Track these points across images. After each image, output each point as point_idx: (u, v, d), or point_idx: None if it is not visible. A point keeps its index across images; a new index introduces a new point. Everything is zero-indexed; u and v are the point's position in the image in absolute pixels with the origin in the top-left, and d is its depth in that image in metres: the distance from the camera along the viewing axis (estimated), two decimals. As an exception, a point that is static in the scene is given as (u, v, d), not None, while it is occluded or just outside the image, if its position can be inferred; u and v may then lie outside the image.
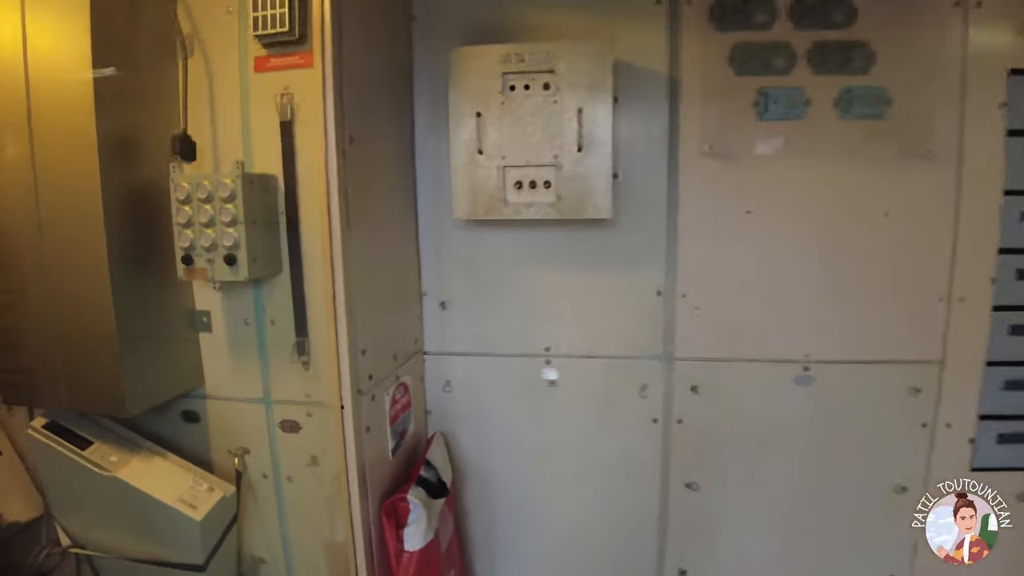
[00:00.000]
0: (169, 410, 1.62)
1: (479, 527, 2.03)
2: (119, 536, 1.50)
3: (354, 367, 1.47)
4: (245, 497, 1.62)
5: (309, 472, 1.57)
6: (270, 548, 1.66)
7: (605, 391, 1.86)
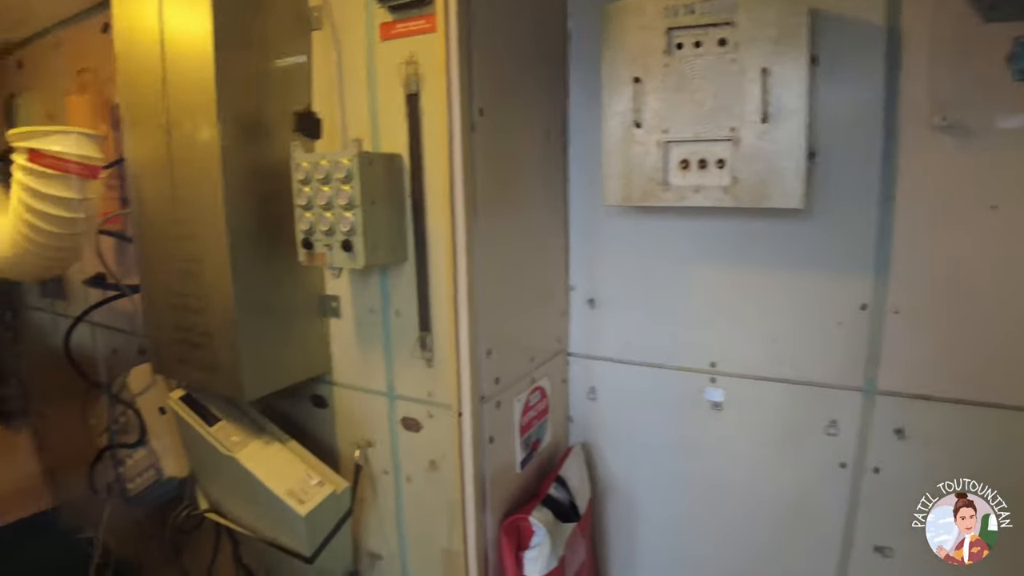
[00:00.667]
0: (300, 392, 1.60)
1: (618, 555, 1.81)
2: (244, 511, 1.51)
3: (476, 371, 1.32)
4: (365, 491, 1.55)
5: (428, 475, 1.46)
6: (387, 546, 1.58)
7: (781, 422, 1.52)
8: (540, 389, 1.63)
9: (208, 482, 1.60)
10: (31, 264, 1.74)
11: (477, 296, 1.31)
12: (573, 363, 1.76)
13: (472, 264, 1.29)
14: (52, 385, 2.83)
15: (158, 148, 1.36)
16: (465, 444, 1.33)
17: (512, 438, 1.50)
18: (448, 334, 1.31)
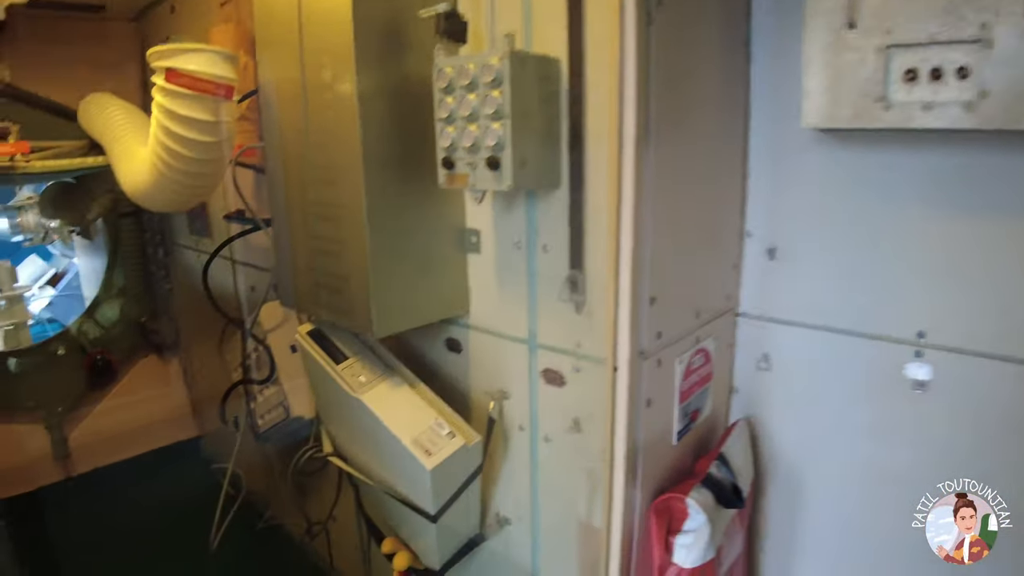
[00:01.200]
0: (435, 334, 1.46)
1: (775, 551, 1.54)
2: (367, 458, 1.40)
3: (637, 319, 1.10)
4: (497, 447, 1.39)
5: (570, 438, 1.27)
6: (518, 510, 1.42)
7: (1008, 414, 1.17)
8: (704, 351, 1.38)
9: (333, 424, 1.50)
10: (170, 192, 1.72)
11: (643, 230, 1.09)
12: (743, 325, 1.49)
13: (640, 191, 1.06)
14: (197, 321, 2.95)
15: (291, 70, 1.25)
16: (619, 405, 1.12)
17: (671, 404, 1.27)
18: (605, 273, 1.09)
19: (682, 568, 1.27)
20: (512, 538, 1.46)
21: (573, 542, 1.36)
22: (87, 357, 3.12)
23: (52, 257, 5.45)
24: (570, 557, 1.37)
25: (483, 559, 1.55)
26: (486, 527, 1.46)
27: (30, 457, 2.97)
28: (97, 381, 3.17)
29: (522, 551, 1.45)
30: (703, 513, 1.24)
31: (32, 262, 5.50)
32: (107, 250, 3.14)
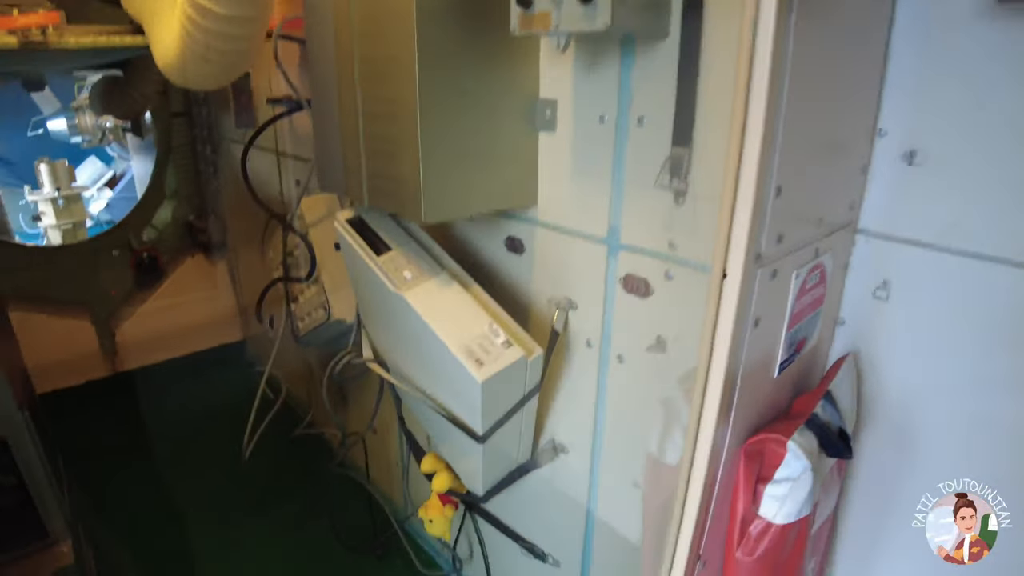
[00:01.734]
0: (494, 231, 1.24)
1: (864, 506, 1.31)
2: (410, 366, 1.22)
3: (759, 213, 0.85)
4: (558, 365, 1.19)
5: (650, 359, 1.05)
6: (576, 438, 1.23)
7: None
8: (821, 268, 1.12)
9: (374, 327, 1.32)
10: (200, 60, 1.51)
11: (778, 97, 0.82)
12: (862, 244, 1.22)
13: (778, 50, 0.79)
14: (244, 221, 2.82)
15: None
16: (723, 321, 0.89)
17: (779, 327, 1.03)
18: (725, 152, 0.84)
19: (771, 523, 1.06)
20: (567, 469, 1.27)
21: (638, 480, 1.17)
22: (133, 255, 3.06)
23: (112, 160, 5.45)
24: (633, 497, 1.18)
25: (532, 489, 1.37)
26: (538, 454, 1.28)
27: (77, 352, 2.96)
28: (143, 279, 3.12)
29: (577, 485, 1.27)
30: (806, 459, 1.02)
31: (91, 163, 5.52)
32: (158, 149, 3.04)
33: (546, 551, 1.43)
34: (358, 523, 2.07)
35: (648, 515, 1.22)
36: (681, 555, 1.07)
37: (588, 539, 1.30)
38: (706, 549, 1.09)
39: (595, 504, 1.26)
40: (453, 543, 1.71)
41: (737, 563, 1.10)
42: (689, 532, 1.05)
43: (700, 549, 1.08)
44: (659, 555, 1.26)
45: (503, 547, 1.57)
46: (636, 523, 1.21)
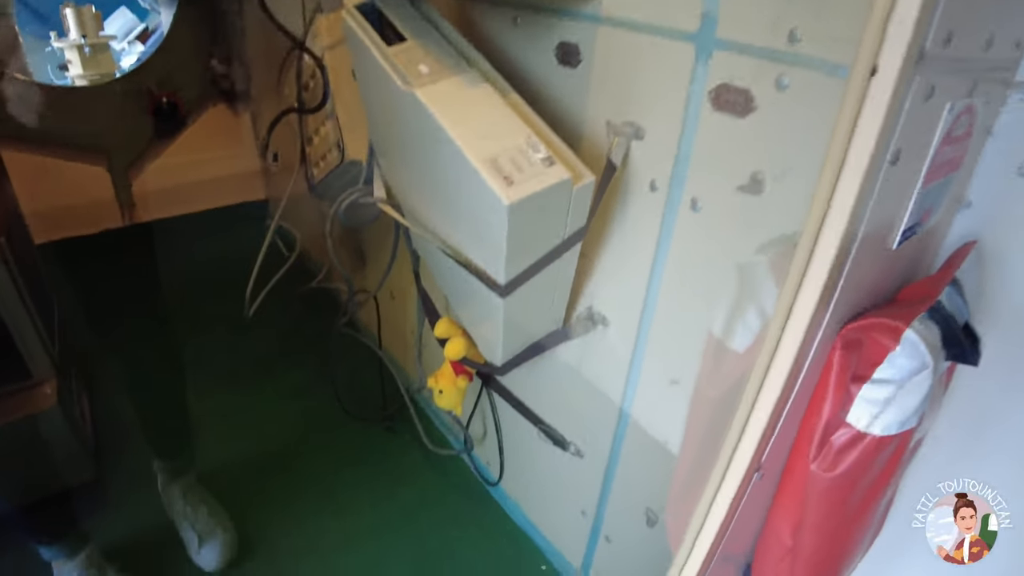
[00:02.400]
0: (541, 36, 0.96)
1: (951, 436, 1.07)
2: (425, 201, 0.98)
3: None
4: (608, 212, 0.94)
5: (736, 204, 0.79)
6: (620, 308, 1.00)
7: None
8: (972, 111, 0.82)
9: (386, 157, 1.08)
10: None
11: None
12: (1015, 105, 0.91)
13: None
14: (267, 68, 2.56)
15: None
16: (858, 145, 0.62)
17: (916, 175, 0.75)
18: None
19: (863, 433, 0.83)
20: (604, 345, 1.05)
21: (692, 364, 0.94)
22: (152, 99, 2.82)
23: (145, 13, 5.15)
24: (683, 384, 0.96)
25: (559, 366, 1.17)
26: (572, 323, 1.05)
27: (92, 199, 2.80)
28: (163, 127, 2.90)
29: (615, 366, 1.05)
30: (928, 355, 0.77)
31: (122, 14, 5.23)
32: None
33: (568, 438, 1.24)
34: (367, 393, 1.92)
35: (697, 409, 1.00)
36: (740, 463, 0.85)
37: (621, 429, 1.10)
38: (767, 458, 0.87)
39: (632, 391, 1.05)
40: (466, 421, 1.54)
41: (810, 478, 0.88)
42: (755, 436, 0.82)
43: (763, 457, 0.86)
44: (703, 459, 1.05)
45: (520, 430, 1.39)
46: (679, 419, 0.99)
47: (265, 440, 1.77)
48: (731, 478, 0.87)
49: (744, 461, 0.85)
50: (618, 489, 1.17)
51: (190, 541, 1.45)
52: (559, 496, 1.37)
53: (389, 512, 1.58)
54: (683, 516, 1.14)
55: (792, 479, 0.92)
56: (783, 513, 0.96)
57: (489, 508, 1.60)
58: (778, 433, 0.83)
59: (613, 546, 1.25)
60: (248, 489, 1.62)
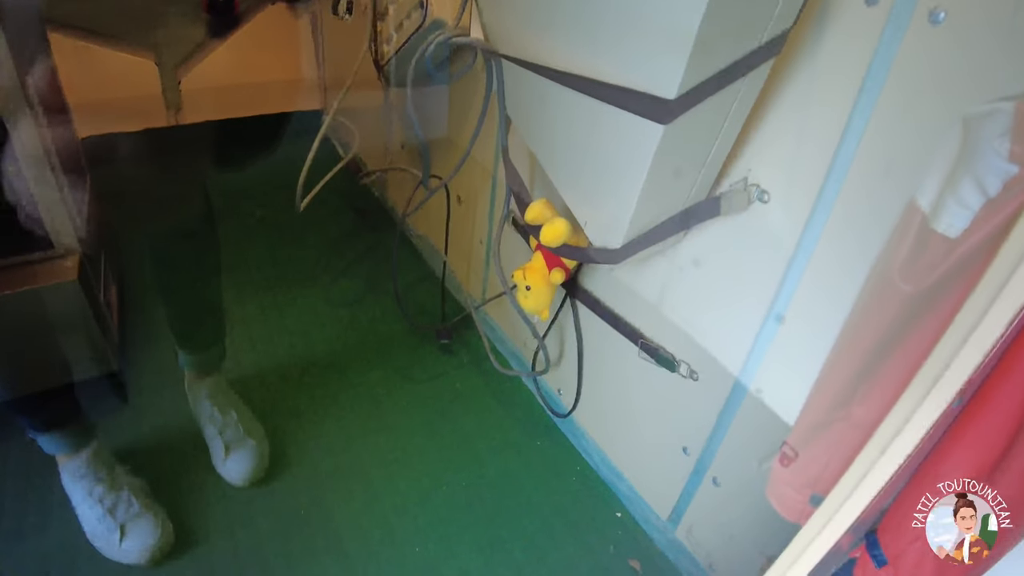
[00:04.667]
0: None
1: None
2: (553, 24, 0.75)
3: None
4: (798, 40, 0.70)
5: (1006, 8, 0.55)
6: (795, 179, 0.76)
7: None
8: None
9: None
10: None
11: None
12: None
13: None
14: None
15: None
16: None
17: None
18: None
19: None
20: (758, 230, 0.82)
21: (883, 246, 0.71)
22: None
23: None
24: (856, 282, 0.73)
25: (690, 256, 0.94)
26: (722, 194, 0.82)
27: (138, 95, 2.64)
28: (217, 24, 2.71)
29: (770, 259, 0.82)
30: None
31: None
32: None
33: (678, 357, 1.02)
34: (422, 308, 1.73)
35: (868, 314, 0.77)
36: (949, 386, 0.63)
37: (760, 344, 0.87)
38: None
39: (790, 292, 0.82)
40: (544, 333, 1.33)
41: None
42: (983, 349, 0.59)
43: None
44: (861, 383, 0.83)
45: (609, 349, 1.17)
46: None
47: (309, 349, 1.59)
48: (928, 407, 0.65)
49: (955, 383, 0.62)
50: (742, 421, 0.95)
51: (216, 449, 1.28)
52: (653, 430, 1.15)
53: (443, 435, 1.39)
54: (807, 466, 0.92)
55: (994, 407, 0.70)
56: (964, 456, 0.74)
57: (556, 442, 1.40)
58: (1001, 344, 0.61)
59: (721, 491, 1.03)
60: (286, 400, 1.44)
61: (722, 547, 1.08)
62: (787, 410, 0.87)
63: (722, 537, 1.07)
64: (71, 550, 1.11)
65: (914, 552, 0.81)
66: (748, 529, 1.02)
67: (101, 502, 1.11)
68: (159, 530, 1.11)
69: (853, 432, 0.81)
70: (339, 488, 1.27)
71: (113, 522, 1.10)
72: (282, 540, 1.17)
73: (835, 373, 0.84)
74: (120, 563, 1.09)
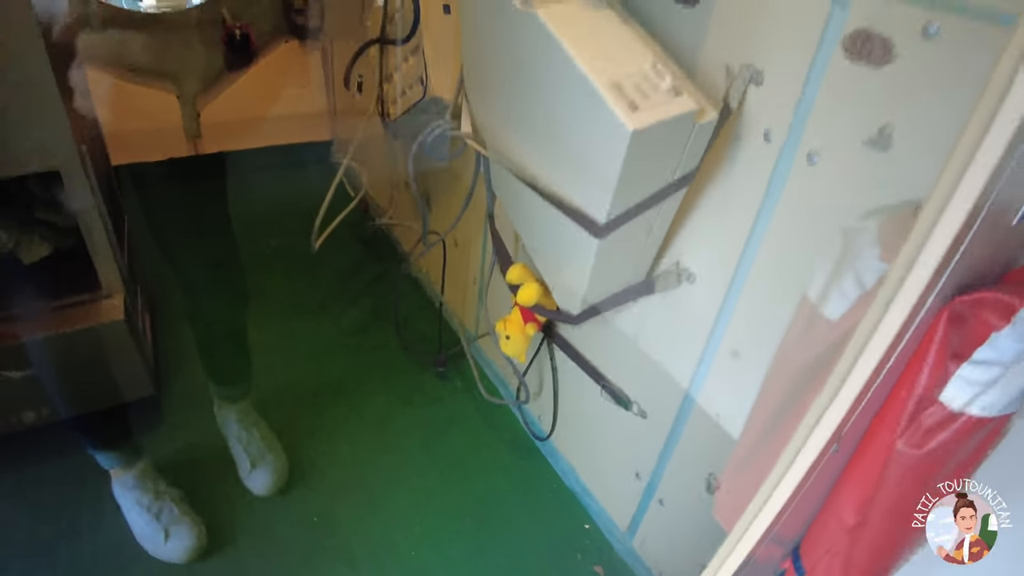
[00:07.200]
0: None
1: None
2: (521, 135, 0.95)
3: None
4: (715, 160, 0.90)
5: (859, 160, 0.75)
6: (712, 264, 0.96)
7: None
8: None
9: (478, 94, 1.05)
10: None
11: None
12: None
13: None
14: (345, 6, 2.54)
15: None
16: (1010, 106, 0.57)
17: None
18: None
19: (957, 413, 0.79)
20: (687, 304, 1.02)
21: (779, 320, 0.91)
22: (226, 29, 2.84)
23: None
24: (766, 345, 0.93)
25: (632, 323, 1.14)
26: (656, 276, 1.03)
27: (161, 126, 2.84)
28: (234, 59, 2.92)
29: (696, 326, 1.02)
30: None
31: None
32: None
33: (632, 398, 1.22)
34: (422, 338, 1.93)
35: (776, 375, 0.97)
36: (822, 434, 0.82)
37: (692, 392, 1.08)
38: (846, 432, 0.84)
39: (712, 353, 1.02)
40: (524, 370, 1.53)
41: (894, 455, 0.84)
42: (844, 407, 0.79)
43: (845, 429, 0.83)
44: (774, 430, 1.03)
45: (578, 386, 1.38)
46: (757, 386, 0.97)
47: (320, 374, 1.80)
48: (808, 450, 0.85)
49: (826, 432, 0.82)
50: (680, 453, 1.15)
51: (242, 464, 1.49)
52: (613, 456, 1.35)
53: (438, 454, 1.60)
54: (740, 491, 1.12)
55: (870, 454, 0.89)
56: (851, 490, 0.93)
57: (536, 462, 1.61)
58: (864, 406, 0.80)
59: (666, 510, 1.23)
60: (301, 420, 1.65)
61: (669, 557, 1.28)
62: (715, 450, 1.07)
63: (669, 548, 1.27)
64: (120, 548, 1.33)
65: (823, 565, 1.01)
66: (689, 542, 1.22)
67: (148, 510, 1.32)
68: (196, 533, 1.31)
69: (767, 465, 1.01)
70: (347, 499, 1.48)
71: (159, 525, 1.31)
72: (298, 543, 1.37)
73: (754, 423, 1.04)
74: (164, 561, 1.30)
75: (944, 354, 0.79)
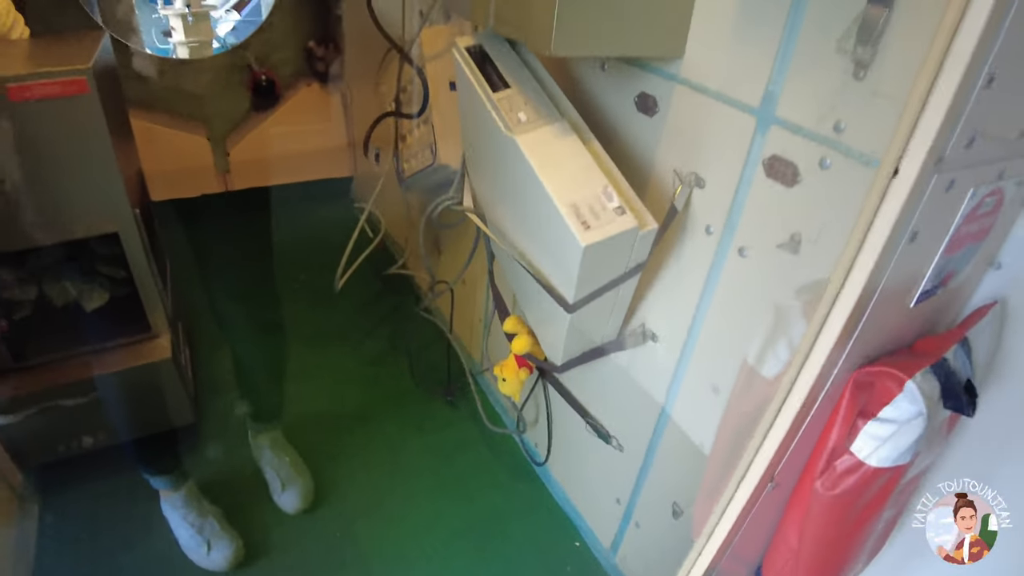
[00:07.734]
0: (624, 85, 1.11)
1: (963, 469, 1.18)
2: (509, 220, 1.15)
3: (957, 105, 0.68)
4: (668, 247, 1.08)
5: (776, 258, 0.93)
6: (670, 328, 1.14)
7: None
8: (999, 195, 0.93)
9: (477, 174, 1.25)
10: None
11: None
12: None
13: None
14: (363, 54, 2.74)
15: None
16: (878, 227, 0.75)
17: (935, 249, 0.87)
18: (940, 16, 0.66)
19: (862, 462, 0.97)
20: (652, 358, 1.21)
21: (719, 385, 1.09)
22: (252, 76, 3.07)
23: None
24: (717, 401, 1.11)
25: (610, 370, 1.33)
26: (625, 336, 1.21)
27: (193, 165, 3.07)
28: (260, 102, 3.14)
29: (660, 376, 1.20)
30: (923, 404, 0.90)
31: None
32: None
33: (611, 433, 1.40)
34: (432, 369, 2.12)
35: (726, 422, 1.15)
36: (756, 471, 1.00)
37: (658, 431, 1.26)
38: (782, 472, 1.01)
39: (673, 399, 1.20)
40: (521, 405, 1.72)
41: (812, 494, 1.02)
42: (771, 450, 0.97)
43: (776, 470, 1.01)
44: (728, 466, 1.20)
45: (569, 419, 1.56)
46: (710, 428, 1.14)
47: (341, 402, 2.00)
48: (746, 485, 1.03)
49: (759, 472, 1.00)
50: (651, 483, 1.33)
51: (273, 485, 1.69)
52: (598, 482, 1.53)
53: (446, 477, 1.79)
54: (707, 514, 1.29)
55: (801, 492, 1.06)
56: (791, 520, 1.10)
57: (534, 485, 1.79)
58: (792, 451, 0.98)
59: (641, 532, 1.41)
60: (324, 445, 1.85)
61: (644, 573, 1.45)
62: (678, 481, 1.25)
63: (645, 566, 1.45)
64: (167, 559, 1.53)
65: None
66: (662, 561, 1.40)
67: (192, 525, 1.53)
68: (235, 546, 1.51)
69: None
70: (365, 517, 1.67)
71: (202, 539, 1.51)
72: (323, 557, 1.57)
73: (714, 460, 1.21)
74: (207, 570, 1.50)
75: (852, 412, 0.97)
